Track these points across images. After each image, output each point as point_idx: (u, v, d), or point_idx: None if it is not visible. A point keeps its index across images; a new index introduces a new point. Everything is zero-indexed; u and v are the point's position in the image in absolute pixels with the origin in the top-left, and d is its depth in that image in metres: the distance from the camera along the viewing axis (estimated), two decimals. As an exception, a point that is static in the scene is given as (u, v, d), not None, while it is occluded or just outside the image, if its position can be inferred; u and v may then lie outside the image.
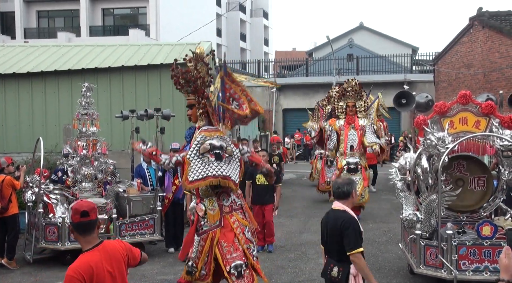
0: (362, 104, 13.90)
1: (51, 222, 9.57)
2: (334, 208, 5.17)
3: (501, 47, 19.76)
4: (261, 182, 10.11)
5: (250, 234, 7.12)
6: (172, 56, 13.62)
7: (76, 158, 10.03)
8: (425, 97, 8.87)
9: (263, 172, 7.76)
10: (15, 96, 13.49)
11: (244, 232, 7.00)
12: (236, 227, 6.94)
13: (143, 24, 37.10)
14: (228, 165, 6.85)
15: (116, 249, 3.99)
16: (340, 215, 5.08)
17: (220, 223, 6.90)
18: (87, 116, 10.01)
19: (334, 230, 5.03)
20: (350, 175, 13.27)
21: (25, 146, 12.67)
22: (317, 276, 8.58)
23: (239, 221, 7.02)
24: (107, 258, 3.87)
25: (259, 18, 59.97)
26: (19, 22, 37.67)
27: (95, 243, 3.90)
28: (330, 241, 5.12)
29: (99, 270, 3.79)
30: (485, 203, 8.25)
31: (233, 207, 7.05)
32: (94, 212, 3.92)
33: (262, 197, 10.28)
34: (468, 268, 7.26)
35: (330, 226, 5.09)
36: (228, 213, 6.97)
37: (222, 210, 6.95)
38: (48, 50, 15.37)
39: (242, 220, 7.08)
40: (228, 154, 6.88)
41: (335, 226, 5.03)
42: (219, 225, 6.88)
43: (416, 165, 7.92)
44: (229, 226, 6.92)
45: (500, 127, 7.94)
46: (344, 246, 4.93)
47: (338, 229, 4.99)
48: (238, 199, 7.15)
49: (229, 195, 7.03)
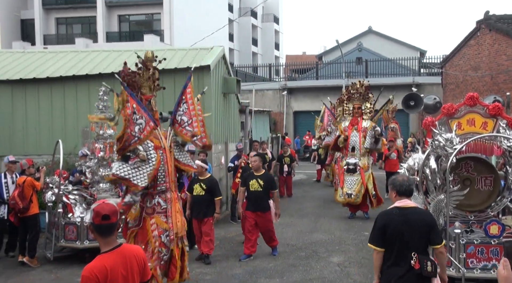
0: (368, 106, 13.88)
1: (70, 221, 9.67)
2: (405, 206, 4.94)
3: (507, 50, 19.64)
4: (254, 188, 9.47)
5: (168, 239, 7.14)
6: (186, 61, 13.68)
7: (94, 160, 10.11)
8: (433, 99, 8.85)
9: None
10: (35, 100, 13.60)
11: (161, 235, 7.09)
12: (153, 229, 7.08)
13: (158, 30, 37.30)
14: (134, 168, 6.96)
15: (133, 255, 3.94)
16: (423, 211, 5.12)
17: (139, 223, 7.14)
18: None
19: (422, 226, 4.87)
20: (349, 175, 13.31)
21: (45, 148, 12.76)
22: (328, 274, 8.62)
23: (159, 224, 7.12)
24: (123, 262, 3.84)
25: (270, 23, 60.04)
26: (39, 29, 38.05)
27: (114, 245, 3.87)
28: (415, 238, 4.83)
29: (114, 272, 3.76)
30: (492, 203, 8.19)
31: (156, 210, 7.17)
32: (115, 215, 3.88)
33: (256, 204, 9.49)
34: (476, 266, 7.24)
35: (416, 223, 4.87)
36: (149, 215, 7.13)
37: (144, 210, 7.15)
38: (66, 56, 15.48)
39: (162, 223, 7.16)
40: (140, 159, 7.00)
41: (423, 222, 4.90)
42: (138, 225, 7.13)
43: (425, 166, 7.89)
44: (146, 228, 7.09)
45: (507, 128, 7.91)
46: (432, 240, 4.89)
47: (428, 224, 4.91)
48: (164, 202, 7.22)
49: (153, 197, 7.17)
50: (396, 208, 4.96)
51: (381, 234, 4.89)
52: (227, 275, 8.65)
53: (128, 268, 3.87)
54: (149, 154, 7.12)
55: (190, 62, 13.29)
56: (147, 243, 7.08)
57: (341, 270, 8.87)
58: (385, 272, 4.90)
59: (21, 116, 13.56)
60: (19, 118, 13.55)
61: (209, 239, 9.38)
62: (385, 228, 4.88)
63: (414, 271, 4.77)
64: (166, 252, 7.13)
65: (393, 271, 4.83)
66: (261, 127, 23.09)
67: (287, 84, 33.51)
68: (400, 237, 4.83)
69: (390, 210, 5.01)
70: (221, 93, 14.43)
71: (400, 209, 4.94)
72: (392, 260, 4.86)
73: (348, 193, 13.27)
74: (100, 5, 37.34)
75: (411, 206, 4.98)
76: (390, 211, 5.00)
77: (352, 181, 13.32)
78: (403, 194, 4.98)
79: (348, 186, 13.33)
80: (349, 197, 13.29)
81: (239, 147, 14.13)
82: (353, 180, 13.32)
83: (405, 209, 4.94)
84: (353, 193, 13.23)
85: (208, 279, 8.45)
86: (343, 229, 12.20)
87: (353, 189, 13.27)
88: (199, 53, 14.42)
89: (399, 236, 4.83)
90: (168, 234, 7.14)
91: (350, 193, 13.24)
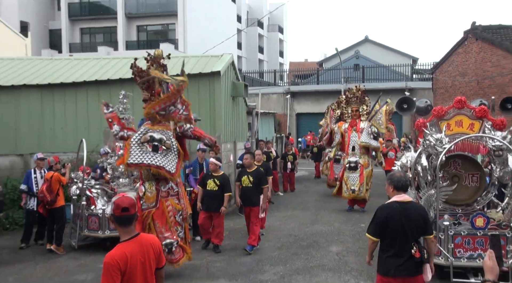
0: (364, 108, 14.07)
1: (92, 213, 9.71)
2: (404, 200, 4.92)
3: (492, 57, 19.60)
4: (246, 184, 9.29)
5: (182, 219, 7.51)
6: (198, 67, 13.67)
7: (114, 157, 10.14)
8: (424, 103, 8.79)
9: (205, 143, 8.01)
10: (62, 103, 13.62)
11: (175, 216, 7.42)
12: (169, 211, 7.37)
13: (173, 39, 37.35)
14: (164, 157, 7.18)
15: (150, 244, 3.97)
16: (419, 205, 5.18)
17: (156, 204, 7.35)
18: (124, 120, 10.08)
19: (419, 219, 4.89)
20: (351, 172, 13.39)
21: (70, 146, 12.79)
22: (327, 262, 8.60)
23: (173, 206, 7.43)
24: (141, 250, 3.86)
25: (275, 33, 59.99)
26: (65, 38, 38.21)
27: (132, 235, 3.89)
28: (413, 230, 4.84)
29: (133, 259, 3.79)
30: (478, 197, 8.15)
31: (170, 193, 7.48)
32: (134, 208, 3.90)
33: (247, 198, 9.31)
34: (463, 255, 7.20)
35: (414, 216, 4.87)
36: (164, 198, 7.40)
37: (159, 194, 7.37)
38: (89, 63, 15.51)
39: (176, 204, 7.48)
40: (166, 147, 7.23)
41: (420, 215, 4.92)
42: (155, 206, 7.33)
43: (417, 163, 7.87)
44: (163, 209, 7.34)
45: (492, 129, 7.88)
46: (426, 231, 4.92)
47: (423, 217, 4.94)
48: (176, 186, 7.53)
49: (167, 182, 7.44)
50: (396, 202, 4.93)
51: (381, 226, 4.87)
52: (236, 263, 8.64)
53: (146, 255, 3.89)
54: (171, 142, 7.34)
55: (202, 69, 13.29)
56: (165, 222, 7.35)
57: (340, 258, 8.85)
58: (385, 262, 4.88)
59: (49, 117, 13.61)
60: (48, 119, 13.60)
61: (220, 231, 9.38)
62: (387, 221, 4.85)
63: (415, 259, 4.78)
64: (180, 229, 7.50)
65: (393, 261, 4.82)
66: (267, 128, 23.07)
67: (290, 88, 33.46)
68: (401, 229, 4.82)
69: (390, 204, 4.97)
70: (230, 97, 14.43)
71: (400, 204, 4.91)
72: (392, 251, 4.84)
73: (352, 189, 13.37)
74: (121, 16, 37.45)
75: (409, 201, 4.98)
76: (390, 205, 4.95)
77: (354, 177, 13.43)
78: (400, 189, 4.96)
79: (351, 182, 13.42)
80: (353, 192, 13.39)
81: (247, 146, 14.13)
82: (355, 177, 13.43)
83: (405, 204, 4.92)
84: (356, 188, 13.34)
85: (218, 266, 8.46)
86: (341, 221, 12.18)
87: (356, 184, 13.38)
88: (210, 60, 14.42)
89: (400, 229, 4.82)
90: (181, 214, 7.51)
91: (353, 188, 13.34)
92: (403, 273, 4.78)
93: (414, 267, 4.80)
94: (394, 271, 4.79)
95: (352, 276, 7.82)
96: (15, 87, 13.59)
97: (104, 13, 38.69)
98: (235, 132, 15.30)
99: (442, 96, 24.78)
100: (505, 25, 21.03)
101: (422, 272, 4.87)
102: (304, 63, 57.41)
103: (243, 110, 16.80)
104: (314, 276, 7.85)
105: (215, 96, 13.05)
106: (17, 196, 11.56)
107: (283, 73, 43.22)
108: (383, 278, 4.88)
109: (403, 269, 4.77)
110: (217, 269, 8.29)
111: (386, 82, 31.97)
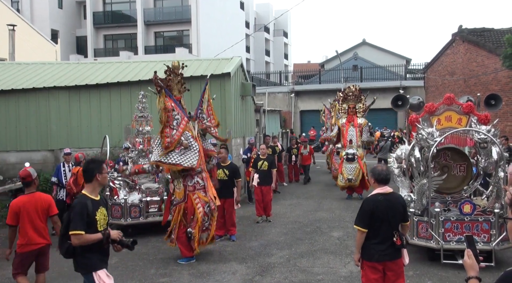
0: (361, 106, 14.06)
1: (115, 202, 9.73)
2: (387, 192, 4.84)
3: (478, 58, 19.49)
4: (221, 177, 9.05)
5: (210, 210, 7.60)
6: (210, 69, 13.64)
7: (135, 152, 10.15)
8: (417, 100, 8.69)
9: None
10: (87, 103, 13.67)
11: (204, 207, 7.53)
12: (197, 203, 7.49)
13: (187, 44, 37.29)
14: (181, 155, 7.33)
15: (41, 199, 5.72)
16: (398, 195, 5.14)
17: (184, 199, 7.53)
18: (143, 118, 10.12)
19: (400, 207, 4.86)
20: (348, 163, 13.42)
21: (95, 142, 12.83)
22: (329, 246, 8.58)
23: (200, 198, 7.54)
24: (32, 201, 5.65)
25: (280, 37, 59.72)
26: (90, 44, 38.29)
27: (30, 192, 5.75)
28: (396, 218, 4.83)
29: (25, 206, 5.61)
30: (466, 186, 8.11)
31: (196, 187, 7.57)
32: (29, 177, 5.69)
33: (221, 191, 8.77)
34: (452, 239, 7.15)
35: (397, 205, 4.84)
36: (192, 192, 7.52)
37: (187, 189, 7.52)
38: (112, 66, 15.53)
39: (203, 197, 7.58)
40: (184, 147, 7.35)
41: (400, 204, 4.89)
42: (183, 200, 7.51)
43: (410, 155, 7.81)
44: (191, 202, 7.49)
45: (477, 123, 7.81)
46: (404, 217, 4.91)
47: (403, 206, 4.93)
48: (202, 180, 7.61)
49: (193, 177, 7.55)
50: (380, 195, 4.85)
51: (368, 217, 4.79)
52: (245, 247, 8.63)
53: (34, 205, 5.65)
54: (190, 142, 7.45)
55: (213, 70, 13.26)
56: (193, 214, 7.49)
57: (340, 242, 8.82)
58: (369, 247, 4.83)
59: (76, 116, 13.66)
60: (74, 117, 13.65)
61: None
62: (373, 212, 4.77)
63: (396, 246, 4.79)
64: (207, 219, 7.61)
65: (377, 247, 4.79)
66: (273, 124, 23.01)
67: (294, 88, 33.37)
68: (385, 219, 4.78)
69: (375, 196, 4.87)
70: (239, 96, 14.40)
71: (384, 195, 4.84)
72: (378, 239, 4.79)
73: (348, 178, 13.43)
74: (140, 24, 37.46)
75: (391, 192, 4.89)
76: (375, 197, 4.86)
77: (351, 168, 13.47)
78: (381, 181, 4.86)
79: (348, 172, 13.48)
80: (349, 181, 13.45)
81: (251, 141, 14.11)
82: (352, 167, 13.47)
83: (387, 195, 4.85)
84: (353, 177, 13.37)
85: (229, 250, 8.46)
86: (342, 208, 12.13)
87: (353, 174, 13.41)
88: (221, 62, 14.39)
89: (385, 219, 4.78)
90: (209, 205, 7.58)
91: (350, 178, 13.39)
92: (386, 258, 4.79)
93: (395, 252, 4.82)
94: (378, 256, 4.78)
95: (352, 258, 7.77)
96: (46, 89, 13.68)
97: (125, 21, 38.68)
98: (244, 128, 15.27)
99: (433, 93, 24.61)
100: (488, 28, 20.91)
101: (401, 256, 4.90)
102: (307, 65, 57.08)
103: (251, 108, 16.77)
104: (317, 259, 7.83)
105: (225, 96, 13.03)
106: (48, 187, 11.63)
107: (287, 74, 43.06)
108: (368, 263, 4.86)
109: (386, 254, 4.78)
110: (228, 253, 8.29)
111: (382, 82, 31.78)
